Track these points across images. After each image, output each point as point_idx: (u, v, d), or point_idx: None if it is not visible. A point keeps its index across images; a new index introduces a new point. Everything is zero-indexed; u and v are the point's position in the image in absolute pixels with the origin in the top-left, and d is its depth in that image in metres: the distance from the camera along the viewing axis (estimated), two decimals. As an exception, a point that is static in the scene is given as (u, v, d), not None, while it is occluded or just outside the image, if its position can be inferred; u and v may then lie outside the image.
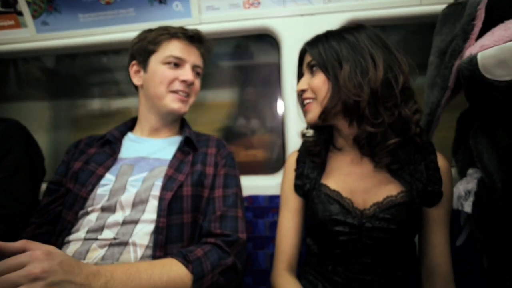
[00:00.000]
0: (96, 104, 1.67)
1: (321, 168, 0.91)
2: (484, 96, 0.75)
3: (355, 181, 0.85)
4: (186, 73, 1.00)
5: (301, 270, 0.93)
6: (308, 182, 0.90)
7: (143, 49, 1.02)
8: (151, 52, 1.01)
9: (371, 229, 0.79)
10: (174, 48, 1.00)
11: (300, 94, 0.89)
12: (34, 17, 1.28)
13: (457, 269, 0.84)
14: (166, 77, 0.98)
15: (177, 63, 1.00)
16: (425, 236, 0.86)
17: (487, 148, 0.80)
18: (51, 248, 0.59)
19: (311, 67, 0.86)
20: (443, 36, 0.91)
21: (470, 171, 0.87)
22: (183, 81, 0.99)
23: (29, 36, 1.31)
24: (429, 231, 0.85)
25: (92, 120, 1.65)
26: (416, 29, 1.35)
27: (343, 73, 0.78)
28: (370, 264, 0.81)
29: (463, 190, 0.85)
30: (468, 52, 0.76)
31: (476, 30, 0.77)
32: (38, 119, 1.62)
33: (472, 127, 0.88)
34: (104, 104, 1.67)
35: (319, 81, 0.83)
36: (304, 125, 0.96)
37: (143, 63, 1.02)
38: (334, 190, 0.85)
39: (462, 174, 0.93)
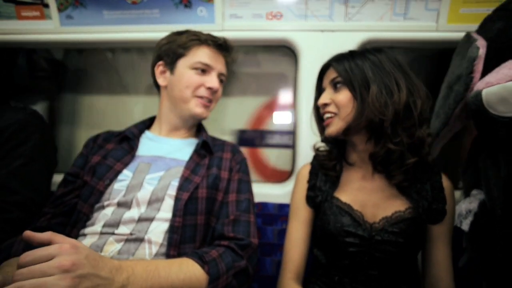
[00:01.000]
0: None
1: (333, 181, 0.95)
2: (489, 128, 0.79)
3: (366, 195, 0.90)
4: (213, 80, 1.02)
5: (306, 280, 0.95)
6: (321, 194, 0.94)
7: (172, 51, 1.03)
8: (180, 56, 1.03)
9: (380, 241, 0.83)
10: (203, 55, 1.02)
11: (318, 108, 0.94)
12: (60, 10, 1.30)
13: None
14: (193, 82, 1.01)
15: (205, 69, 1.03)
16: (428, 252, 0.90)
17: (495, 174, 0.83)
18: (76, 241, 0.60)
19: (335, 84, 0.89)
20: (453, 68, 0.95)
21: (474, 192, 0.90)
22: (209, 88, 1.02)
23: (52, 28, 1.33)
24: (432, 247, 0.89)
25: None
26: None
27: (371, 93, 0.82)
28: (376, 276, 0.84)
29: (465, 209, 0.88)
30: (476, 87, 0.79)
31: (476, 80, 0.82)
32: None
33: (482, 152, 0.91)
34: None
35: (344, 98, 0.86)
36: (316, 138, 1.00)
37: (170, 65, 1.04)
38: (345, 203, 0.89)
39: (467, 194, 0.96)
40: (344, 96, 0.87)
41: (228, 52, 1.09)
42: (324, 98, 0.91)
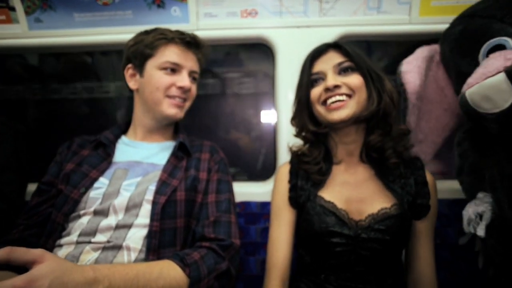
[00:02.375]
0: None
1: (316, 179, 0.92)
2: (483, 125, 0.80)
3: (350, 191, 0.88)
4: (184, 79, 0.99)
5: (292, 279, 0.94)
6: (303, 194, 0.91)
7: (139, 52, 0.99)
8: (148, 56, 0.99)
9: (366, 239, 0.81)
10: (171, 54, 0.99)
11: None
12: (27, 13, 1.25)
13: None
14: (163, 83, 0.97)
15: (174, 69, 0.99)
16: (412, 247, 0.91)
17: (499, 173, 0.83)
18: (41, 257, 0.55)
19: (344, 68, 0.86)
20: None
21: (480, 195, 0.88)
22: (180, 87, 0.98)
23: (20, 32, 1.28)
24: (415, 242, 0.90)
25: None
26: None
27: (387, 84, 0.86)
28: (362, 273, 0.83)
29: (473, 213, 0.86)
30: (462, 90, 0.81)
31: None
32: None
33: (475, 147, 0.93)
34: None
35: (359, 81, 0.85)
36: (294, 139, 0.98)
37: (139, 67, 1.01)
38: (329, 202, 0.86)
39: (470, 195, 0.95)
40: (358, 80, 0.85)
41: (198, 48, 1.05)
42: (334, 80, 0.85)
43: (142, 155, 1.01)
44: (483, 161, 0.87)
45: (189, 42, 1.02)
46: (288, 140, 1.15)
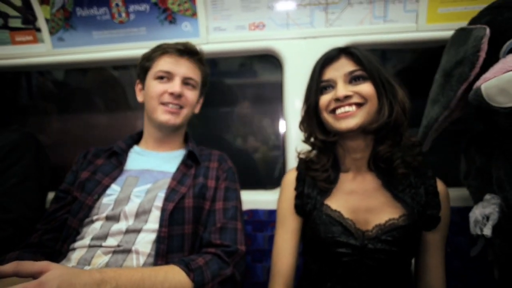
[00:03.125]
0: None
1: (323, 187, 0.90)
2: (493, 121, 0.80)
3: (357, 200, 0.86)
4: (174, 85, 1.02)
5: (296, 286, 0.93)
6: (310, 202, 0.89)
7: (142, 67, 1.08)
8: (147, 69, 1.06)
9: (373, 250, 0.79)
10: (163, 63, 1.04)
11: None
12: (52, 33, 1.35)
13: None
14: (156, 91, 1.02)
15: (166, 77, 1.04)
16: (422, 258, 0.88)
17: (507, 173, 0.82)
18: (46, 267, 0.58)
19: (355, 77, 0.84)
20: (449, 57, 0.94)
21: (487, 196, 0.87)
22: (171, 93, 1.02)
23: (45, 51, 1.38)
24: (425, 254, 0.87)
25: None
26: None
27: (400, 94, 0.83)
28: (368, 283, 0.81)
29: (480, 214, 0.85)
30: (475, 85, 0.80)
31: (481, 60, 0.82)
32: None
33: (482, 151, 0.92)
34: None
35: (370, 90, 0.82)
36: (303, 145, 0.97)
37: (143, 81, 1.08)
38: (335, 211, 0.85)
39: (476, 199, 0.93)
40: (370, 88, 0.82)
41: (192, 55, 1.07)
42: (345, 90, 0.82)
43: (152, 163, 1.06)
44: (490, 163, 0.85)
45: (181, 50, 1.05)
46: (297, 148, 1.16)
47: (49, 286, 0.55)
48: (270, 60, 1.42)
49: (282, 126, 1.51)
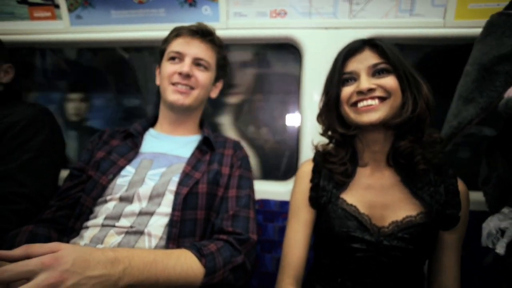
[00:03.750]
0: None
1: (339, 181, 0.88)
2: None
3: (374, 196, 0.84)
4: (184, 65, 1.02)
5: (306, 280, 0.92)
6: (325, 195, 0.88)
7: (160, 50, 1.10)
8: (163, 52, 1.08)
9: (388, 247, 0.78)
10: (175, 44, 1.05)
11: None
12: (70, 10, 1.34)
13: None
14: (168, 71, 1.03)
15: (178, 57, 1.04)
16: (437, 258, 0.86)
17: None
18: (56, 247, 0.57)
19: (379, 70, 0.82)
20: (487, 47, 0.87)
21: (505, 210, 0.82)
22: (180, 73, 1.01)
23: (63, 28, 1.37)
24: (441, 253, 0.85)
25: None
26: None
27: (424, 90, 0.81)
28: (381, 280, 0.80)
29: (494, 227, 0.81)
30: (506, 94, 0.76)
31: None
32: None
33: (509, 157, 0.85)
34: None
35: (394, 83, 0.80)
36: (319, 137, 0.95)
37: (160, 64, 1.09)
38: (351, 205, 0.84)
39: (493, 209, 0.88)
40: (394, 82, 0.80)
41: (204, 36, 1.06)
42: (368, 82, 0.80)
43: (167, 147, 1.05)
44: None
45: (193, 30, 1.05)
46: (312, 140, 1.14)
47: (65, 261, 0.55)
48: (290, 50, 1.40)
49: (297, 118, 1.49)
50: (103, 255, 0.62)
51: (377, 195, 0.84)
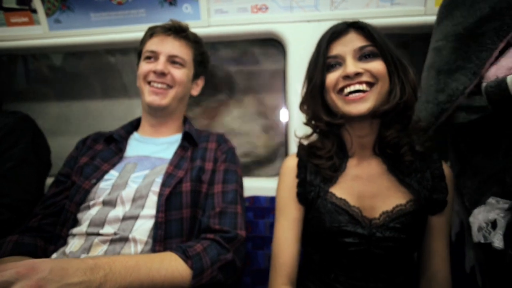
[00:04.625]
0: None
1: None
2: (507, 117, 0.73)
3: (362, 185, 0.82)
4: (158, 63, 1.01)
5: (298, 276, 0.88)
6: (313, 190, 0.84)
7: (137, 52, 1.10)
8: (140, 53, 1.08)
9: (381, 239, 0.76)
10: (150, 44, 1.04)
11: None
12: (48, 14, 1.31)
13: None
14: (143, 71, 1.03)
15: (153, 56, 1.03)
16: (426, 243, 0.86)
17: None
18: (32, 260, 0.57)
19: (365, 54, 0.78)
20: (458, 19, 0.84)
21: (491, 200, 0.78)
22: (154, 72, 1.01)
23: (41, 33, 1.34)
24: (430, 238, 0.85)
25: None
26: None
27: (410, 73, 0.78)
28: (374, 271, 0.80)
29: (483, 220, 0.77)
30: (492, 74, 0.74)
31: None
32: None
33: (476, 147, 0.85)
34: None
35: (382, 67, 0.76)
36: (304, 130, 0.92)
37: (138, 65, 1.08)
38: (341, 199, 0.81)
39: (473, 201, 0.84)
40: (381, 66, 0.76)
41: (178, 33, 1.05)
42: (355, 66, 0.76)
43: (151, 150, 1.04)
44: (490, 161, 0.79)
45: (166, 28, 1.04)
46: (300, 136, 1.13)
47: (42, 269, 0.54)
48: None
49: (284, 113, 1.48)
50: (82, 262, 0.61)
51: (365, 185, 0.82)
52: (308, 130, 0.93)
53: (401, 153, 0.80)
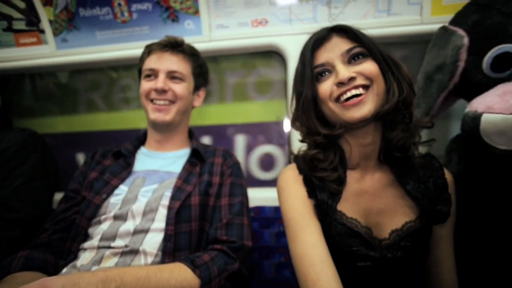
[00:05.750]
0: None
1: (331, 191, 0.77)
2: (480, 149, 0.76)
3: (369, 201, 0.77)
4: (158, 81, 1.03)
5: None
6: (323, 208, 0.76)
7: (138, 70, 1.12)
8: (140, 71, 1.10)
9: (393, 259, 0.73)
10: (149, 61, 1.06)
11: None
12: (55, 34, 1.36)
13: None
14: (144, 90, 1.05)
15: (153, 74, 1.05)
16: (431, 252, 0.84)
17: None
18: (43, 280, 0.57)
19: (354, 55, 0.72)
20: (431, 58, 0.93)
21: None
22: (155, 90, 1.03)
23: (49, 52, 1.39)
24: (434, 247, 0.83)
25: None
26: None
27: (403, 69, 0.74)
28: (383, 286, 0.77)
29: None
30: (475, 107, 0.75)
31: (460, 69, 0.84)
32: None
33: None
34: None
35: (374, 68, 0.71)
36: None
37: (140, 83, 1.10)
38: (351, 219, 0.75)
39: None
40: (373, 66, 0.70)
41: (175, 48, 1.07)
42: (347, 71, 0.70)
43: (159, 164, 1.06)
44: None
45: (163, 44, 1.06)
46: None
47: (54, 286, 0.55)
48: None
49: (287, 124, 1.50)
50: (94, 275, 0.62)
51: (371, 200, 0.77)
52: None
53: (408, 156, 0.76)
